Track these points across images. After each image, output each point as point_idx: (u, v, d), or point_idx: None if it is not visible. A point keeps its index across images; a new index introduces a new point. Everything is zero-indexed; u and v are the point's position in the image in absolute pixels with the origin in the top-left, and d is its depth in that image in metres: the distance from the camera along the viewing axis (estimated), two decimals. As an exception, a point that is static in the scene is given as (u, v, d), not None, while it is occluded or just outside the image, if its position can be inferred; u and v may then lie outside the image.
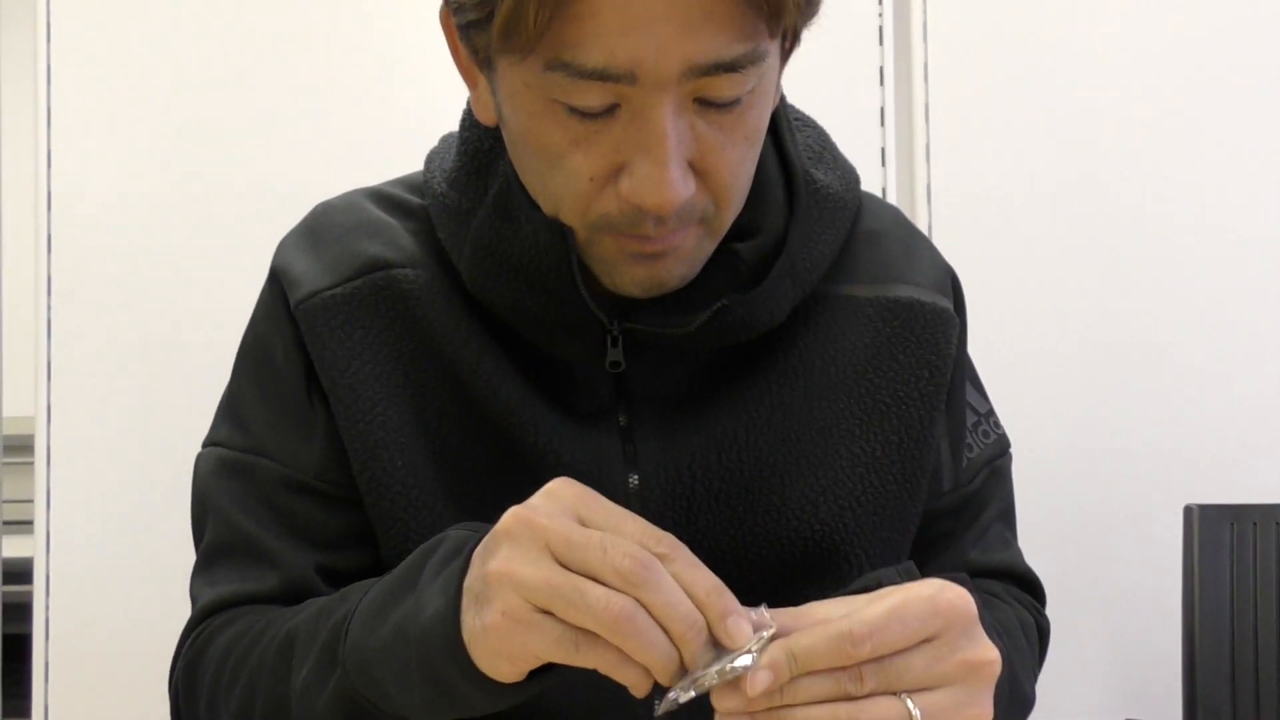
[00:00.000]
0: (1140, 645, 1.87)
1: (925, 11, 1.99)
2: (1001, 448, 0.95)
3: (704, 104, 0.70)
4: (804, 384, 0.85)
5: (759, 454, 0.83)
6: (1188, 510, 1.57)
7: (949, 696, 0.61)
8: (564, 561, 0.59)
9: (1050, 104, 1.99)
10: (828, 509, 0.84)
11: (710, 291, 0.80)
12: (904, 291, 0.87)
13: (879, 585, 0.69)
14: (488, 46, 0.70)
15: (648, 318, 0.80)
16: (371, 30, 1.99)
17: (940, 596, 0.62)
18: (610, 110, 0.69)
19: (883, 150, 1.97)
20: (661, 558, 0.59)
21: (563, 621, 0.59)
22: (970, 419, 0.93)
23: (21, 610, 2.03)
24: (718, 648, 0.59)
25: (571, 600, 0.58)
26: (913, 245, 0.91)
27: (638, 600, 0.57)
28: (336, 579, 0.84)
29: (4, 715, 2.12)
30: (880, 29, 2.00)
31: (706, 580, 0.60)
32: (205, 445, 0.91)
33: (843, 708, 0.59)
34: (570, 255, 0.77)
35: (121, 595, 1.97)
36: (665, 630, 0.58)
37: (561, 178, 0.73)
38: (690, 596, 0.59)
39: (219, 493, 0.87)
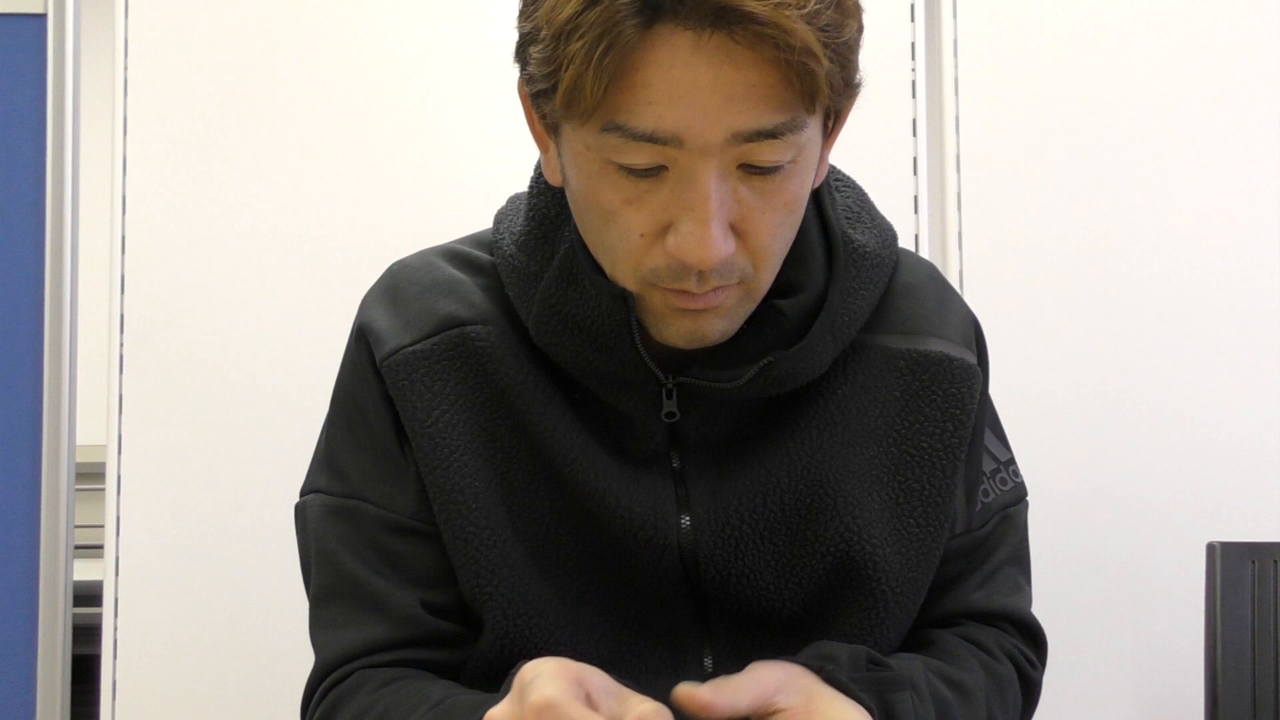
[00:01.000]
0: (1164, 679, 1.89)
1: (956, 67, 2.04)
2: (1018, 496, 0.99)
3: (747, 170, 0.76)
4: (841, 432, 0.90)
5: (799, 497, 0.89)
6: (1210, 548, 1.59)
7: None
8: None
9: (1077, 154, 2.02)
10: (860, 549, 0.89)
11: (757, 347, 0.86)
12: (935, 346, 0.92)
13: (824, 658, 0.79)
14: (554, 113, 0.77)
15: (700, 372, 0.86)
16: (445, 89, 2.05)
17: (784, 677, 0.74)
18: (659, 171, 0.75)
19: (915, 198, 2.02)
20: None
21: None
22: (989, 465, 0.97)
23: (90, 633, 2.08)
24: None
25: None
26: (945, 299, 0.96)
27: None
28: (442, 611, 0.91)
29: None
30: (913, 82, 2.05)
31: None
32: (305, 493, 0.97)
33: None
34: (630, 317, 0.84)
35: (187, 618, 2.02)
36: None
37: (616, 233, 0.79)
38: None
39: (327, 536, 0.93)
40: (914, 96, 2.04)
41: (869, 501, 0.90)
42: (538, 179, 0.91)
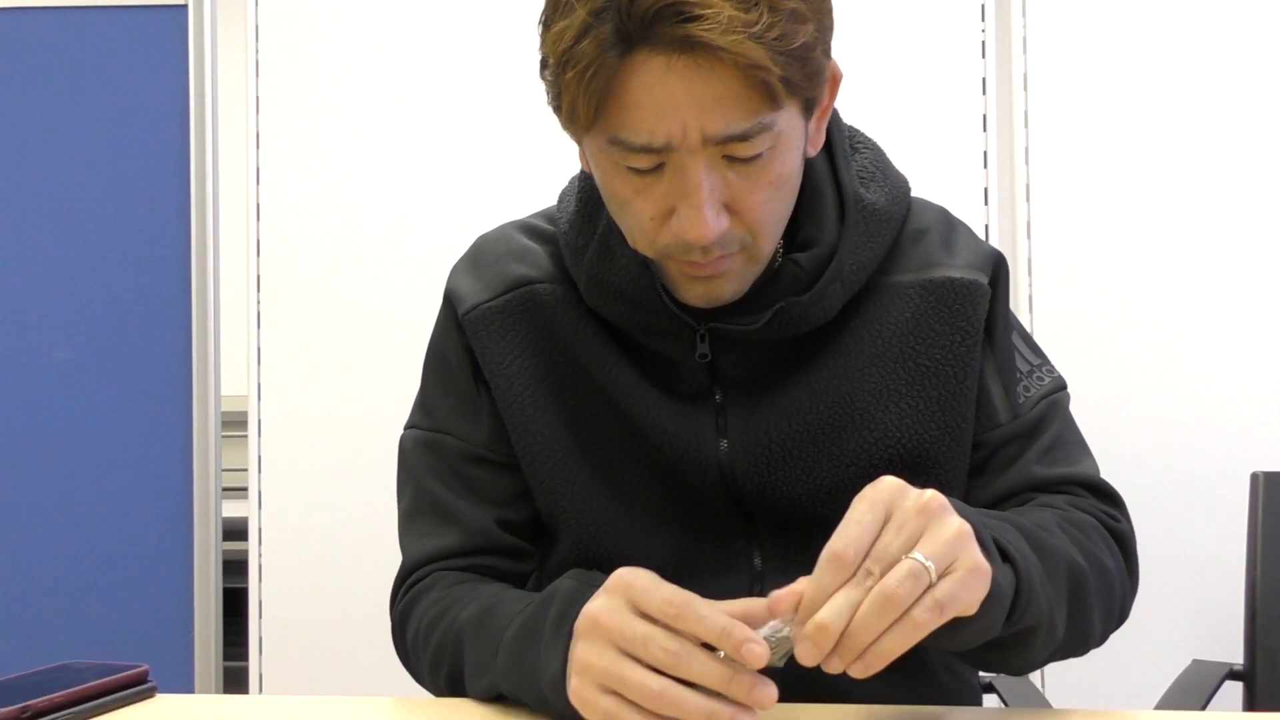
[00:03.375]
0: (1207, 597, 1.97)
1: (1026, 64, 2.10)
2: (1058, 385, 1.06)
3: (731, 159, 0.87)
4: (856, 357, 1.00)
5: (821, 417, 1.00)
6: (1254, 476, 1.64)
7: (931, 540, 0.71)
8: (623, 649, 0.73)
9: (1142, 144, 2.07)
10: (881, 457, 0.99)
11: (775, 295, 0.97)
12: (940, 273, 1.01)
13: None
14: (564, 126, 0.90)
15: (726, 318, 0.98)
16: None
17: (884, 482, 0.74)
18: (658, 168, 0.88)
19: (985, 190, 2.10)
20: (685, 619, 0.71)
21: (620, 695, 0.74)
22: (1024, 367, 1.05)
23: (239, 567, 2.27)
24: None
25: (620, 684, 0.73)
26: (951, 238, 1.04)
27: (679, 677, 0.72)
28: (511, 527, 1.06)
29: (225, 659, 2.28)
30: (983, 79, 2.11)
31: (720, 627, 0.70)
32: (405, 428, 1.12)
33: (874, 592, 0.69)
34: (655, 281, 0.96)
35: (324, 548, 2.21)
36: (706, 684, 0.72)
37: (631, 218, 0.91)
38: (714, 642, 0.71)
39: (418, 464, 1.07)
40: (984, 92, 2.11)
41: (887, 414, 0.99)
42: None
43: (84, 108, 2.26)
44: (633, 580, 0.75)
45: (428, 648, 0.98)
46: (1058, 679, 2.03)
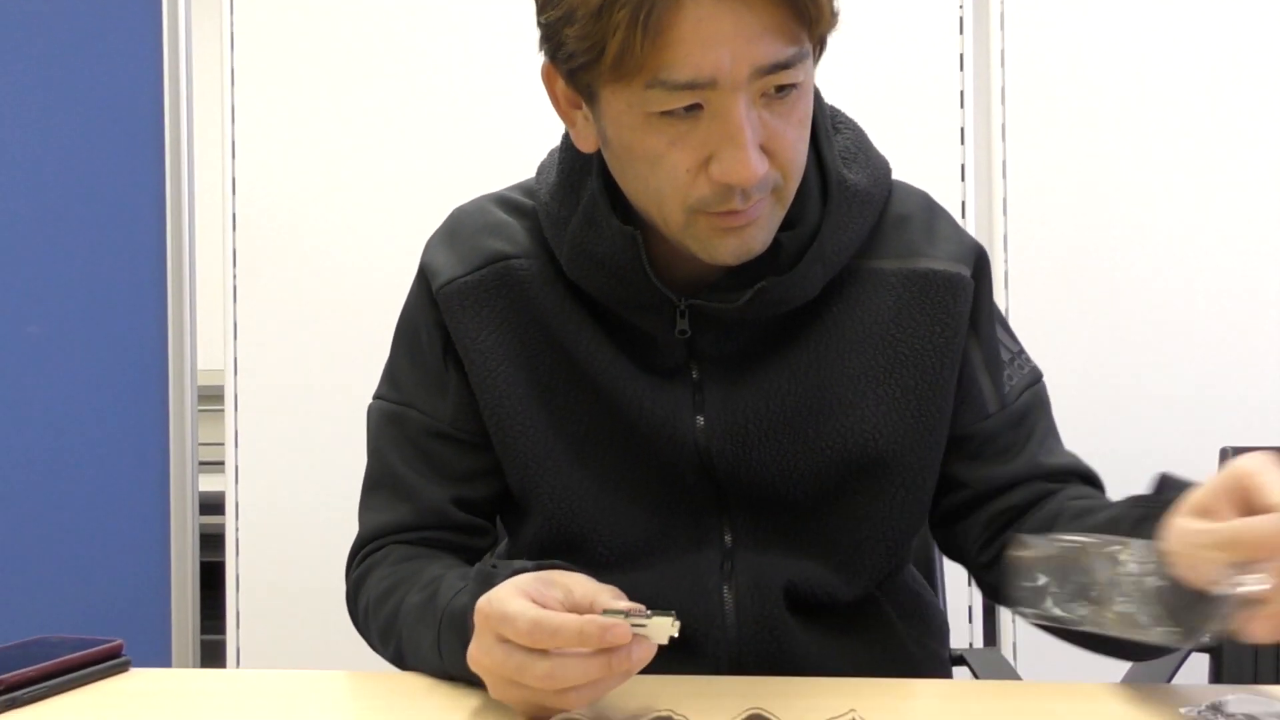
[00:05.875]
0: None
1: (1004, 77, 2.12)
2: (1036, 376, 1.08)
3: (767, 98, 0.87)
4: (837, 343, 1.01)
5: (800, 400, 1.00)
6: (1224, 451, 1.65)
7: None
8: (511, 679, 0.77)
9: (1116, 155, 2.10)
10: (855, 442, 1.00)
11: (756, 274, 0.96)
12: (922, 264, 1.02)
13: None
14: (593, 81, 0.88)
15: (707, 295, 0.98)
16: (506, 58, 2.17)
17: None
18: (695, 111, 0.86)
19: (963, 203, 2.12)
20: (543, 641, 0.75)
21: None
22: (1005, 355, 1.06)
23: (216, 541, 2.26)
24: None
25: (526, 693, 0.77)
26: (934, 225, 1.05)
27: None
28: (468, 505, 1.06)
29: (202, 633, 2.29)
30: (961, 92, 2.12)
31: (576, 632, 0.74)
32: (373, 398, 1.12)
33: None
34: (640, 252, 0.95)
35: (301, 522, 2.20)
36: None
37: (664, 173, 0.88)
38: (577, 646, 0.74)
39: (380, 436, 1.08)
40: (962, 106, 2.12)
41: (865, 401, 1.00)
42: (568, 137, 1.03)
43: (57, 82, 2.24)
44: (490, 613, 0.78)
45: (377, 620, 0.99)
46: (1028, 651, 2.06)
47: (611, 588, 0.79)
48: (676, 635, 0.75)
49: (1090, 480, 1.06)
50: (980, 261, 1.05)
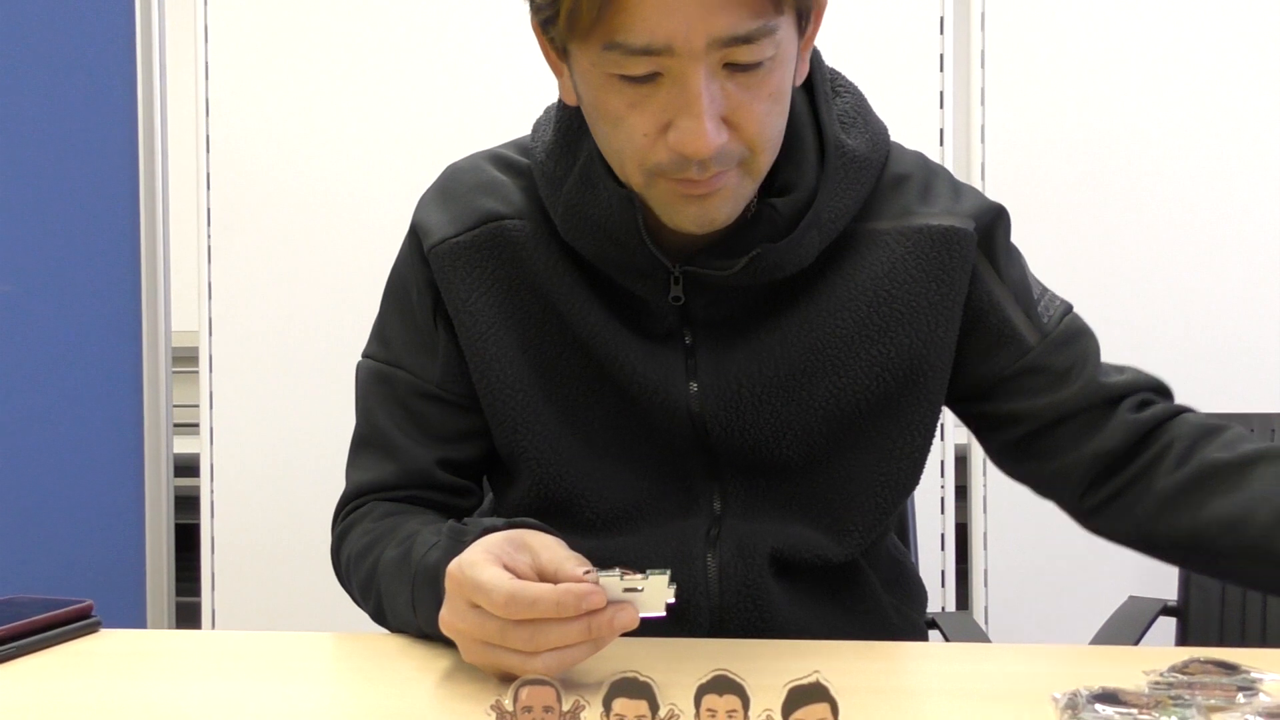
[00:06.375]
0: None
1: (984, 40, 2.11)
2: (1068, 307, 1.06)
3: (732, 69, 0.85)
4: (829, 303, 1.00)
5: (791, 362, 1.00)
6: None
7: None
8: (487, 642, 0.77)
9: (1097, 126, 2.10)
10: (848, 401, 1.00)
11: (751, 240, 0.95)
12: (919, 221, 1.00)
13: None
14: (559, 36, 0.87)
15: (702, 261, 0.97)
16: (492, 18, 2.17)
17: None
18: (654, 78, 0.85)
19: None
20: (519, 613, 0.75)
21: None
22: (1037, 291, 1.05)
23: (191, 503, 2.27)
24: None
25: (503, 657, 0.77)
26: (931, 184, 1.03)
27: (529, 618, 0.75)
28: (453, 466, 1.06)
29: (178, 595, 2.27)
30: (941, 55, 2.12)
31: (554, 603, 0.74)
32: (363, 355, 1.12)
33: None
34: (637, 216, 0.94)
35: (275, 483, 2.22)
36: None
37: (623, 135, 0.87)
38: (555, 615, 0.74)
39: (368, 394, 1.07)
40: (942, 70, 2.13)
41: (858, 360, 0.99)
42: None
43: (26, 39, 2.20)
44: (462, 580, 0.78)
45: (358, 575, 1.00)
46: (999, 614, 2.08)
47: (578, 556, 0.79)
48: (673, 601, 0.75)
49: (1159, 390, 1.04)
50: (990, 216, 1.03)
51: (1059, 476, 1.03)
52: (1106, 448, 1.00)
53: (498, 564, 0.77)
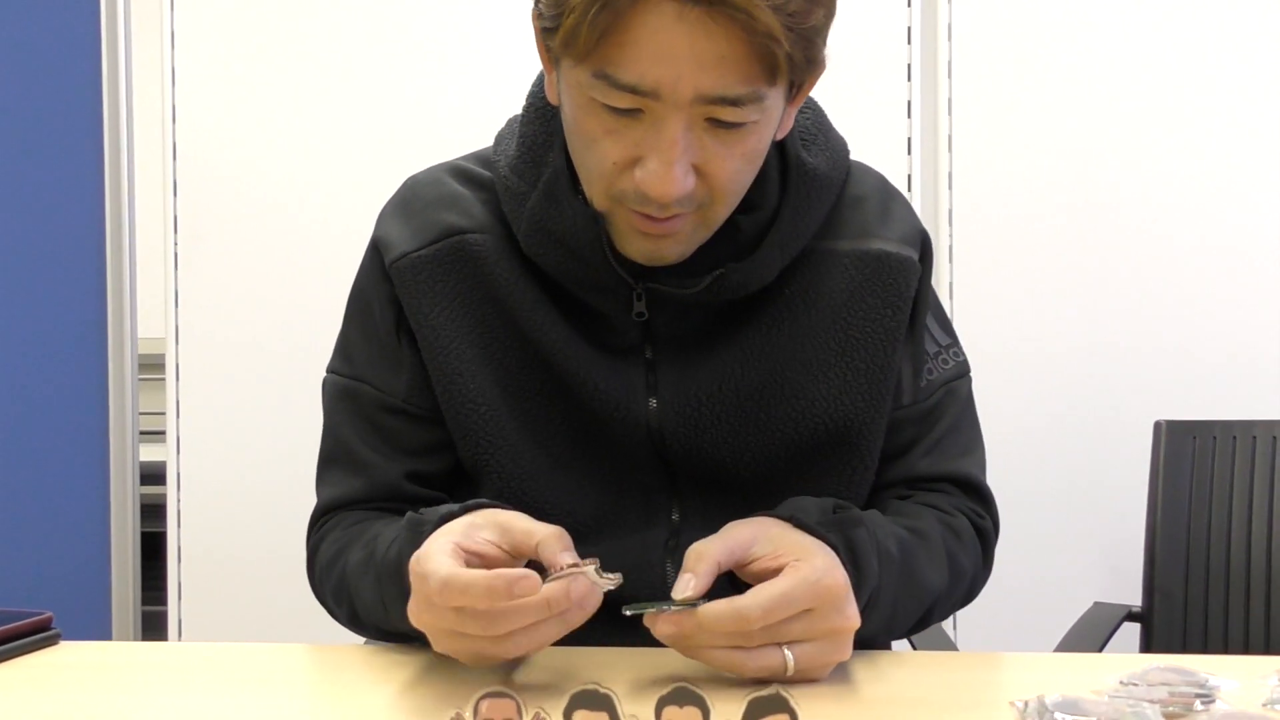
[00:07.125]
0: (1109, 541, 2.05)
1: (950, 50, 2.13)
2: (960, 371, 1.09)
3: (713, 123, 0.86)
4: (791, 326, 1.01)
5: (752, 384, 1.00)
6: (1157, 425, 1.70)
7: (817, 649, 0.80)
8: (452, 630, 0.78)
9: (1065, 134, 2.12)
10: (806, 426, 1.01)
11: (714, 257, 0.96)
12: (876, 245, 1.02)
13: (793, 509, 0.89)
14: (555, 49, 0.88)
15: (665, 279, 0.98)
16: (463, 24, 2.17)
17: (821, 582, 0.79)
18: (636, 113, 0.86)
19: (909, 177, 2.15)
20: (472, 601, 0.75)
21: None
22: (931, 348, 1.07)
23: (158, 511, 2.25)
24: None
25: (468, 641, 0.78)
26: (889, 207, 1.05)
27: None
28: (422, 479, 1.06)
29: (144, 605, 2.27)
30: (908, 65, 2.14)
31: (505, 589, 0.75)
32: (327, 371, 1.11)
33: (735, 654, 0.78)
34: (601, 234, 0.95)
35: (243, 492, 2.20)
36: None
37: (594, 158, 0.89)
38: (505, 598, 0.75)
39: (334, 410, 1.07)
40: (909, 79, 2.14)
41: (816, 385, 1.01)
42: (529, 107, 1.02)
43: (-10, 40, 2.19)
44: (416, 572, 0.79)
45: (330, 583, 1.01)
46: (967, 621, 2.09)
47: (565, 539, 0.81)
48: (612, 586, 0.78)
49: (966, 486, 1.08)
50: (926, 247, 1.06)
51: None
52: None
53: (449, 551, 0.78)
